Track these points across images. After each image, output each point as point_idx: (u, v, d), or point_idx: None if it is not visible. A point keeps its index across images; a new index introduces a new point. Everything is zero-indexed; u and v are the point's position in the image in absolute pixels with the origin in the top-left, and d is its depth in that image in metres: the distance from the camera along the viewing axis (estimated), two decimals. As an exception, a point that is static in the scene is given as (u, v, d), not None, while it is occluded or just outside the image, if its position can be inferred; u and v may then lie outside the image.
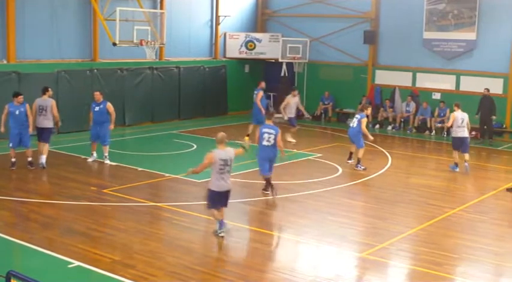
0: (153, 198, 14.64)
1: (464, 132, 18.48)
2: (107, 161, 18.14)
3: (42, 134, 17.72)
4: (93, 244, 11.53)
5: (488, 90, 24.02)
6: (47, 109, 17.67)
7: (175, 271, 10.24)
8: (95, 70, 23.91)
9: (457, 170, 18.51)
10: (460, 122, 18.40)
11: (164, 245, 11.72)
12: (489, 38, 25.13)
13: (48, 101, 17.79)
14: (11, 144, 17.18)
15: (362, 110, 18.78)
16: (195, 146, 21.02)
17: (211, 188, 12.00)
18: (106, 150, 18.24)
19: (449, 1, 25.75)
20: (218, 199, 12.00)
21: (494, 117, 23.98)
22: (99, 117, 18.20)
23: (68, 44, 23.61)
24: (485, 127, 23.98)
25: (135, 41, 22.68)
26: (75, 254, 10.82)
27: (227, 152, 11.95)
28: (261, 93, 21.76)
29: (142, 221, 13.12)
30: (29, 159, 17.34)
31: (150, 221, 13.16)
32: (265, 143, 15.26)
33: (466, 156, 18.44)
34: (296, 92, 22.87)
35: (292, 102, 22.27)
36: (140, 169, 17.62)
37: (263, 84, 22.37)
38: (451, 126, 18.69)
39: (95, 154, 18.44)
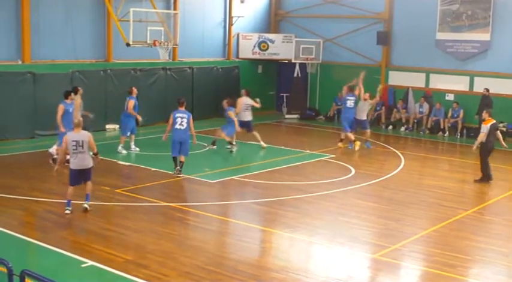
0: (166, 198, 14.69)
1: None
2: (136, 148, 19.82)
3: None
4: (106, 244, 11.59)
5: (488, 90, 23.94)
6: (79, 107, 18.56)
7: (188, 271, 10.27)
8: (109, 70, 24.03)
9: None
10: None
11: (177, 245, 11.76)
12: (503, 38, 25.02)
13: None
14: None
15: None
16: (208, 146, 21.07)
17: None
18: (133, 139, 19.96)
19: (463, 2, 25.66)
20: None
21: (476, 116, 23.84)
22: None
23: (82, 45, 23.73)
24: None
25: (148, 41, 22.77)
26: (88, 254, 10.89)
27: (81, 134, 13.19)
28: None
29: (155, 221, 13.17)
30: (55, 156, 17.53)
31: (163, 221, 13.21)
32: (177, 126, 16.66)
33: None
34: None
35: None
36: (153, 169, 17.69)
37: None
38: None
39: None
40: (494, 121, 17.49)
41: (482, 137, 17.03)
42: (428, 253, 11.80)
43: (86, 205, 13.43)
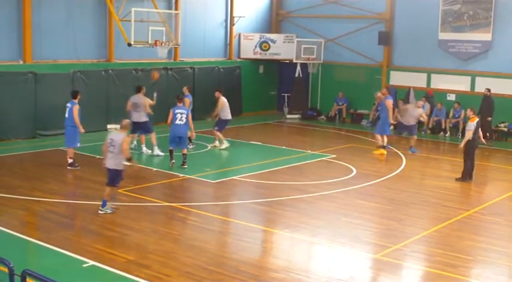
0: (167, 199, 14.70)
1: None
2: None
3: (140, 127, 19.56)
4: (108, 244, 11.61)
5: (489, 90, 23.93)
6: (141, 105, 19.34)
7: (189, 271, 10.28)
8: (110, 70, 24.04)
9: None
10: None
11: (179, 245, 11.77)
12: (504, 39, 25.01)
13: (141, 98, 19.49)
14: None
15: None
16: (209, 147, 21.08)
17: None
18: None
19: (464, 2, 25.65)
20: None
21: (489, 118, 23.88)
22: None
23: (83, 45, 23.74)
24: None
25: (150, 41, 22.78)
26: (90, 254, 10.89)
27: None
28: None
29: (156, 221, 13.18)
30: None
31: (165, 221, 13.22)
32: (178, 122, 17.60)
33: None
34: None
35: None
36: (155, 169, 17.71)
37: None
38: None
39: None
40: (479, 119, 17.64)
41: (469, 134, 17.12)
42: (430, 253, 11.80)
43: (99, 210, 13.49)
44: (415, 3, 27.21)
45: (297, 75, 29.66)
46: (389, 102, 21.22)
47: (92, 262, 10.51)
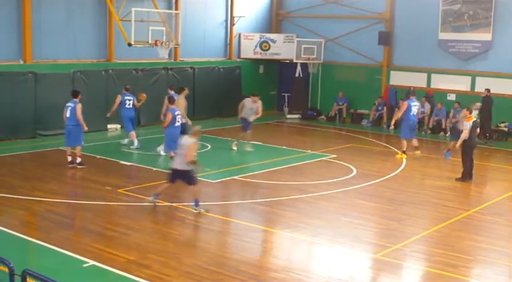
0: (168, 199, 14.68)
1: None
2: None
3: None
4: (108, 244, 11.60)
5: (488, 90, 23.92)
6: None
7: (190, 271, 10.28)
8: (110, 70, 24.04)
9: None
10: None
11: (179, 245, 11.77)
12: (504, 38, 25.02)
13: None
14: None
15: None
16: (209, 146, 21.07)
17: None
18: None
19: (464, 2, 25.65)
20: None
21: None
22: None
23: (83, 45, 23.75)
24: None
25: (150, 41, 22.78)
26: (90, 254, 10.89)
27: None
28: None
29: (157, 221, 13.19)
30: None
31: (165, 221, 13.23)
32: (177, 124, 18.05)
33: None
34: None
35: None
36: (155, 169, 17.70)
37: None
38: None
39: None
40: (476, 118, 17.59)
41: (465, 134, 17.12)
42: (430, 253, 11.80)
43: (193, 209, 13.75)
44: (415, 3, 27.22)
45: (297, 75, 29.66)
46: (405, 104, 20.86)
47: (92, 262, 10.51)
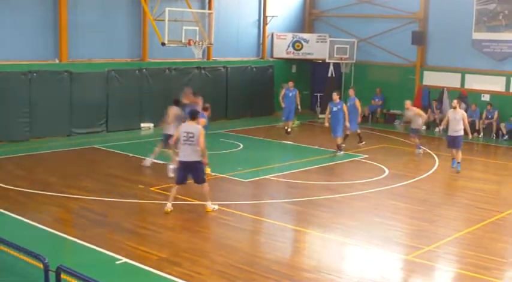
0: (199, 197, 14.75)
1: None
2: None
3: None
4: (140, 241, 11.72)
5: None
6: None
7: (221, 270, 10.33)
8: (144, 70, 24.23)
9: None
10: None
11: (211, 243, 11.84)
12: (541, 39, 24.70)
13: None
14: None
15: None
16: (242, 146, 21.14)
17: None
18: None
19: (500, 1, 25.33)
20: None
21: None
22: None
23: (118, 44, 24.00)
24: None
25: (183, 41, 22.91)
26: (123, 251, 11.00)
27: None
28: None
29: (189, 219, 13.27)
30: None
31: (197, 220, 13.29)
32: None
33: None
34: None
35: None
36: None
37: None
38: None
39: None
40: None
41: None
42: (463, 255, 11.70)
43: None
44: (449, 3, 26.96)
45: (329, 75, 29.58)
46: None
47: (124, 259, 10.63)
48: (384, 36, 28.92)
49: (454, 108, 18.42)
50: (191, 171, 13.44)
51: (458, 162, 18.19)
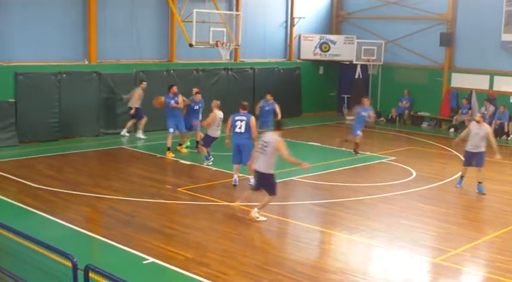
0: (226, 198, 14.83)
1: None
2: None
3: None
4: (167, 241, 11.80)
5: None
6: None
7: (247, 270, 10.37)
8: (172, 70, 24.37)
9: None
10: None
11: (237, 244, 11.89)
12: None
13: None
14: None
15: None
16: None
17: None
18: None
19: (530, 2, 25.12)
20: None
21: None
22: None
23: (146, 45, 24.17)
24: None
25: (211, 42, 23.01)
26: (150, 251, 11.09)
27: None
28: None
29: (215, 220, 13.33)
30: None
31: (224, 220, 13.35)
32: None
33: None
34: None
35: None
36: (214, 169, 17.88)
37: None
38: None
39: None
40: None
41: None
42: (490, 259, 11.61)
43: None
44: (477, 4, 26.73)
45: (357, 76, 29.52)
46: None
47: (151, 259, 10.71)
48: (411, 38, 28.77)
49: (478, 122, 16.47)
50: (261, 180, 13.24)
51: (479, 183, 16.31)
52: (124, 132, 22.53)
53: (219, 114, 17.60)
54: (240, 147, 15.67)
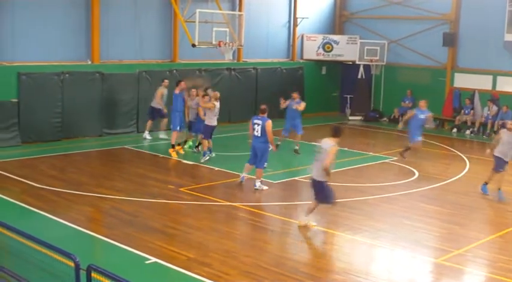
0: (228, 198, 14.84)
1: None
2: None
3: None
4: (169, 241, 11.81)
5: None
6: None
7: (249, 270, 10.37)
8: (175, 70, 24.37)
9: None
10: None
11: (239, 244, 11.89)
12: None
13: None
14: None
15: None
16: (271, 147, 21.08)
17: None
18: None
19: (532, 2, 25.07)
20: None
21: None
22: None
23: (149, 45, 24.18)
24: None
25: (213, 42, 23.00)
26: (152, 251, 11.11)
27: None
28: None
29: (218, 220, 13.34)
30: None
31: (226, 221, 13.36)
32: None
33: None
34: None
35: None
36: (217, 169, 17.88)
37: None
38: None
39: None
40: None
41: None
42: (493, 259, 11.60)
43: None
44: (480, 4, 26.69)
45: (359, 76, 29.51)
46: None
47: (154, 259, 10.73)
48: (414, 38, 28.75)
49: (509, 129, 15.73)
50: (315, 188, 12.94)
51: (499, 189, 15.94)
52: (146, 134, 22.25)
53: (217, 105, 18.56)
54: (256, 150, 15.83)
